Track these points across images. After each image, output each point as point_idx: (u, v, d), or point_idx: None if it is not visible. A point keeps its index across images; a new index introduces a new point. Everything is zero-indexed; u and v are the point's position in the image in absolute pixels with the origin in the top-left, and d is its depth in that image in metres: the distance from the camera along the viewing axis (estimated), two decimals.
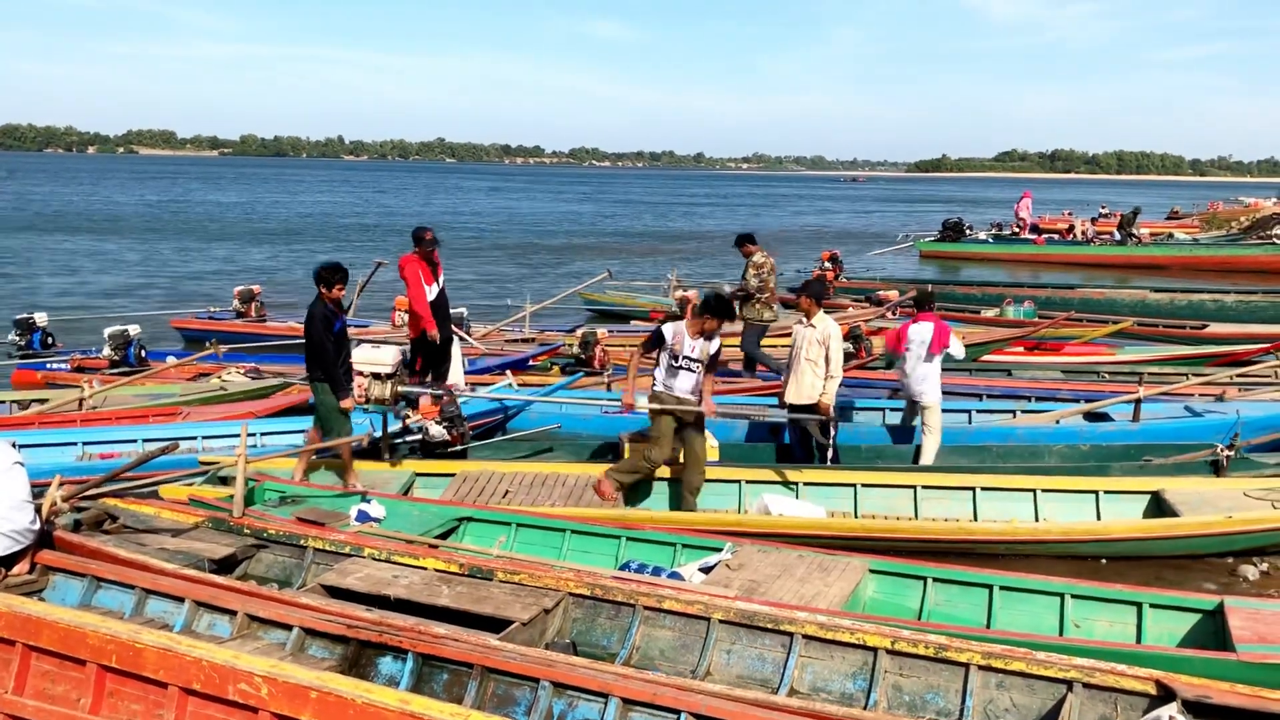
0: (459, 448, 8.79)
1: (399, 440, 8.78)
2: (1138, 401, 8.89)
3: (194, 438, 9.26)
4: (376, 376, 8.33)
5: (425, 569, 5.71)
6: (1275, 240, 30.23)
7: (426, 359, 10.26)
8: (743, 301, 11.67)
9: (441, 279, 10.33)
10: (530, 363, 12.85)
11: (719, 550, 6.33)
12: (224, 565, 6.02)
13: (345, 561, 5.89)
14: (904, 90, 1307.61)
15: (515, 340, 14.99)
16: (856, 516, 7.85)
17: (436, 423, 8.73)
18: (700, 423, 8.00)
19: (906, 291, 19.04)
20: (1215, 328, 16.15)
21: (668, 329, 7.97)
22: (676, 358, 7.88)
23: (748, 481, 8.16)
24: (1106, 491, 7.65)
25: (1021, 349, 14.25)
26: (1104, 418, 9.17)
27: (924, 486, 7.96)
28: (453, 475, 8.28)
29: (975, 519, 7.71)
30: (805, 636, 4.93)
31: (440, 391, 8.98)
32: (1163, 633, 5.55)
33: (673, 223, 54.70)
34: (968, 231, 35.63)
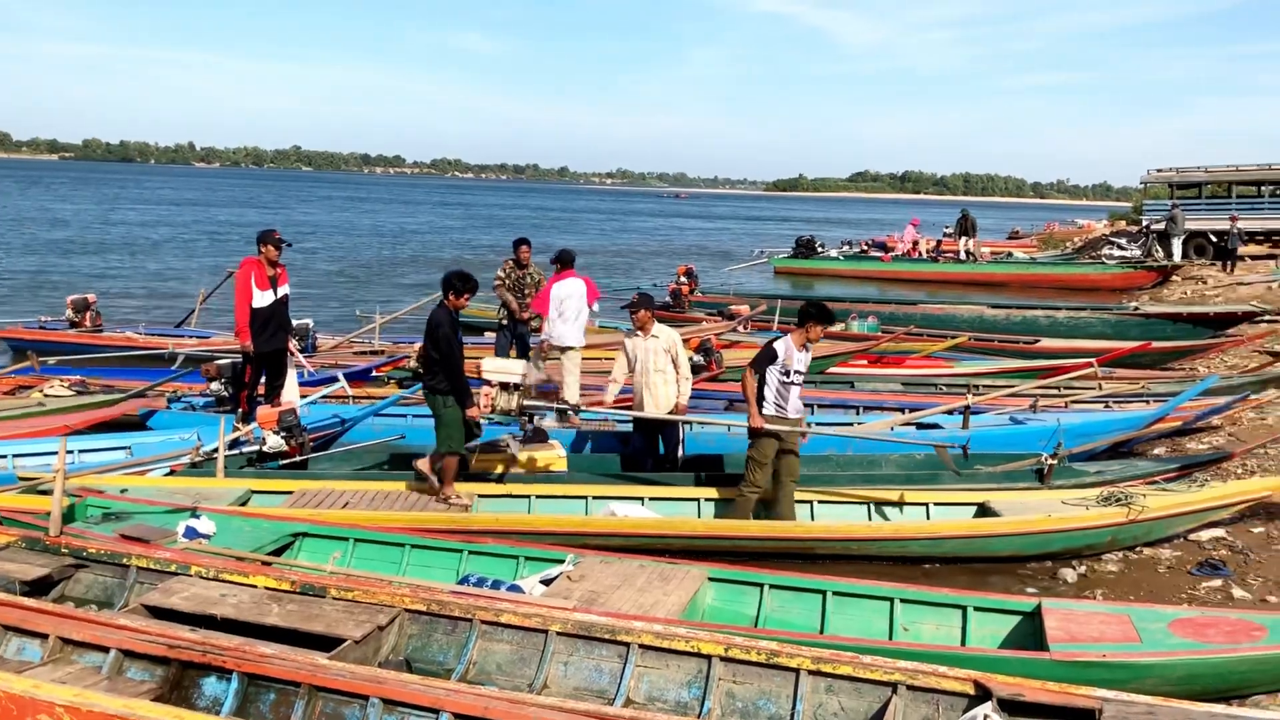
0: (298, 458, 8.56)
1: (234, 452, 8.49)
2: (966, 410, 9.26)
3: (3, 456, 8.74)
4: (504, 387, 8.04)
5: (255, 587, 5.52)
6: (1104, 260, 31.94)
7: (258, 371, 9.81)
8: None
9: (285, 288, 9.97)
10: (373, 374, 12.58)
11: (562, 562, 6.33)
12: (38, 587, 5.70)
13: (170, 580, 5.65)
14: (763, 111, 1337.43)
15: (365, 353, 14.68)
16: None
17: (275, 433, 8.47)
18: (796, 445, 7.81)
19: (758, 306, 19.44)
20: (1046, 342, 16.93)
21: (780, 344, 7.73)
22: (788, 373, 7.69)
23: (594, 497, 8.17)
24: (936, 504, 7.94)
25: (865, 362, 14.69)
26: (935, 427, 9.52)
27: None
28: (290, 493, 8.03)
29: None
30: (642, 646, 4.95)
31: (568, 407, 8.71)
32: (985, 634, 5.78)
33: (538, 238, 54.53)
34: (820, 249, 36.62)
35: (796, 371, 7.72)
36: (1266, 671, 5.09)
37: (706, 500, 8.15)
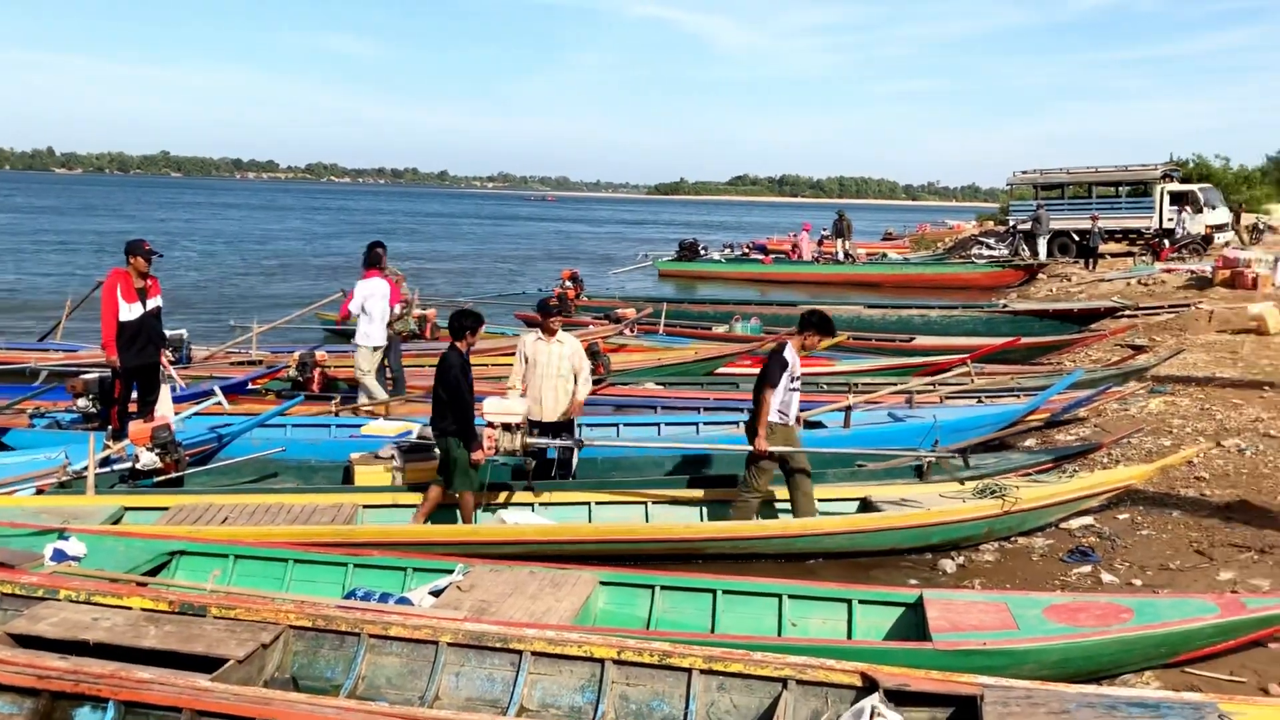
0: (174, 475, 8.27)
1: (106, 470, 8.16)
2: (847, 409, 9.48)
3: None
4: (507, 428, 7.93)
5: (130, 609, 5.30)
6: (974, 259, 33.02)
7: (128, 386, 9.43)
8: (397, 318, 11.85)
9: (156, 300, 9.63)
10: (249, 386, 12.22)
11: (451, 572, 6.26)
12: None
13: (37, 606, 5.38)
14: (644, 115, 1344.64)
15: (242, 363, 14.26)
16: None
17: (148, 449, 8.16)
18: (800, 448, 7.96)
19: (644, 309, 19.54)
20: (921, 340, 17.44)
21: (788, 352, 7.77)
22: (793, 379, 7.76)
23: (483, 505, 8.11)
24: (821, 499, 8.11)
25: (749, 363, 14.89)
26: (819, 425, 9.71)
27: (654, 502, 8.18)
28: (166, 509, 7.75)
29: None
30: (534, 653, 4.93)
31: (570, 444, 8.48)
32: (871, 626, 5.93)
33: (421, 243, 53.70)
34: (702, 252, 37.03)
35: (797, 377, 7.84)
36: (1134, 652, 5.35)
37: (598, 505, 8.16)
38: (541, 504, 8.13)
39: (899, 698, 4.41)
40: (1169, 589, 6.53)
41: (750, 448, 7.75)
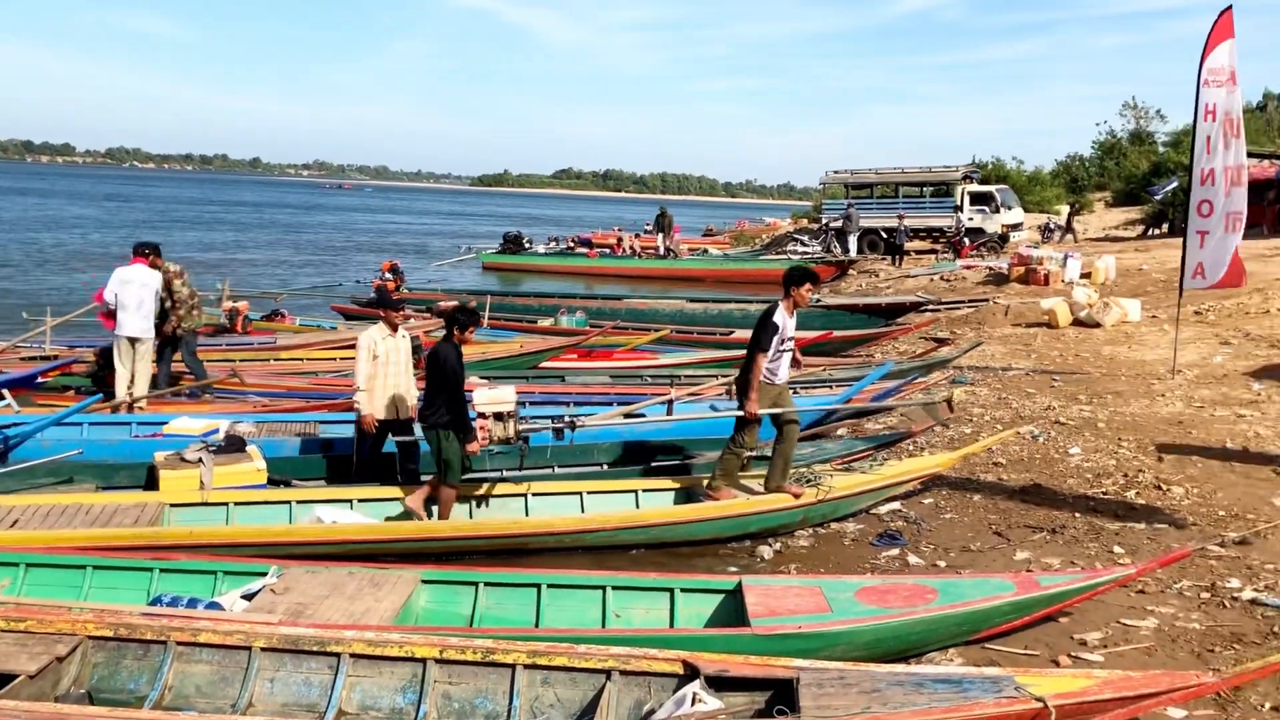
0: None
1: None
2: (670, 402, 9.62)
3: None
4: (499, 417, 7.79)
5: None
6: (790, 255, 34.04)
7: None
8: (171, 313, 11.36)
9: None
10: (38, 381, 11.43)
11: (265, 574, 6.03)
12: None
13: None
14: (468, 106, 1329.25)
15: (35, 358, 13.33)
16: None
17: None
18: (794, 413, 8.00)
19: (467, 303, 19.32)
20: (741, 333, 17.84)
21: (778, 315, 7.70)
22: (783, 341, 7.76)
23: (299, 502, 7.84)
24: (645, 490, 8.21)
25: (575, 356, 14.94)
26: (642, 418, 9.81)
27: (474, 496, 8.09)
28: None
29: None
30: (353, 655, 4.81)
31: (563, 425, 8.12)
32: (692, 614, 6.03)
33: (229, 233, 51.40)
34: (527, 244, 36.92)
35: (789, 339, 7.87)
36: (939, 630, 5.62)
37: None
38: (361, 500, 7.92)
39: (719, 683, 4.51)
40: (970, 569, 6.90)
41: (739, 412, 7.85)
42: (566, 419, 8.18)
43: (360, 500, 7.91)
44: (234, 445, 8.21)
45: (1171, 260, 19.15)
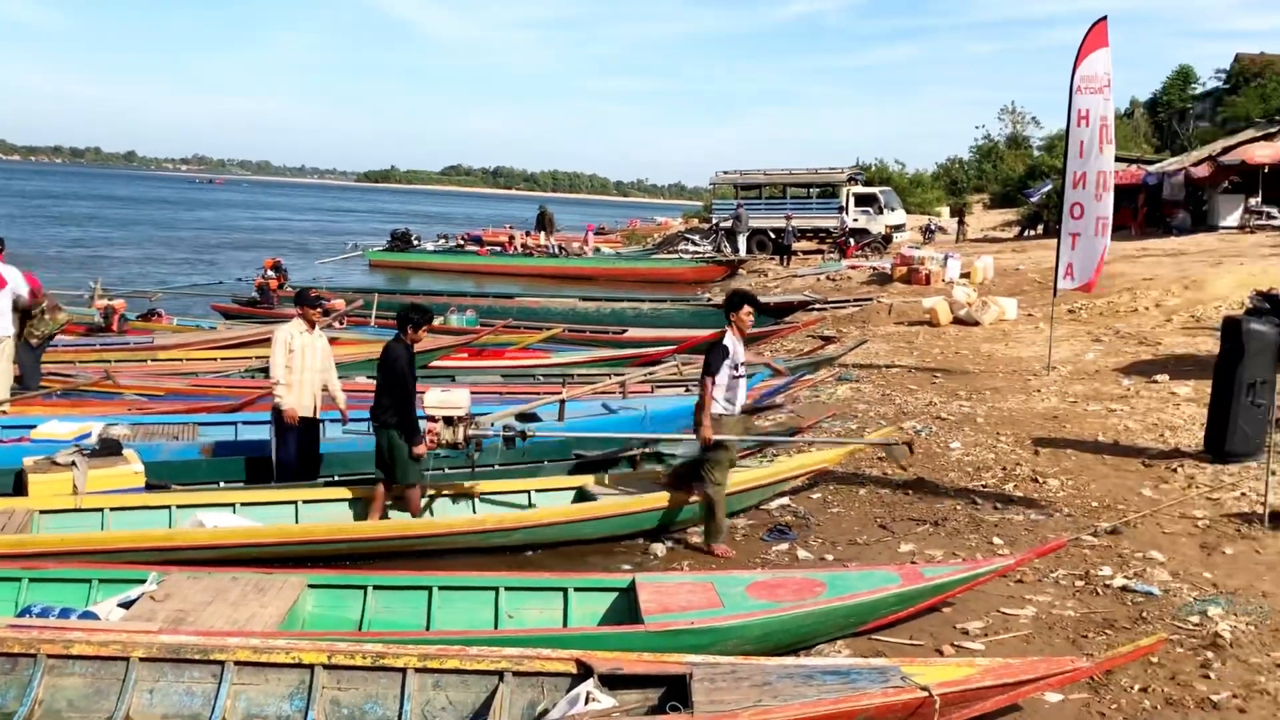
0: None
1: None
2: (562, 402, 9.60)
3: None
4: (448, 421, 7.55)
5: None
6: (681, 254, 34.32)
7: None
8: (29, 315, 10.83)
9: None
10: None
11: (143, 581, 5.81)
12: None
13: None
14: (353, 100, 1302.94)
15: None
16: None
17: None
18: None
19: (354, 301, 18.97)
20: (633, 332, 17.96)
21: (728, 339, 7.43)
22: (737, 367, 7.49)
23: (179, 506, 7.59)
24: (537, 490, 8.18)
25: (466, 355, 14.80)
26: (535, 418, 9.77)
27: (366, 499, 7.93)
28: None
29: None
30: (238, 663, 4.67)
31: (514, 434, 7.88)
32: (586, 613, 6.03)
33: (99, 229, 49.47)
34: (415, 242, 36.43)
35: (743, 364, 7.63)
36: (827, 623, 5.73)
37: (305, 503, 7.82)
38: (244, 504, 7.71)
39: (613, 681, 4.52)
40: (857, 562, 7.04)
41: (691, 437, 7.74)
42: (518, 427, 8.13)
43: (244, 504, 7.70)
44: (109, 448, 7.91)
45: (1046, 260, 19.90)
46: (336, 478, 8.42)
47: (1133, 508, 7.83)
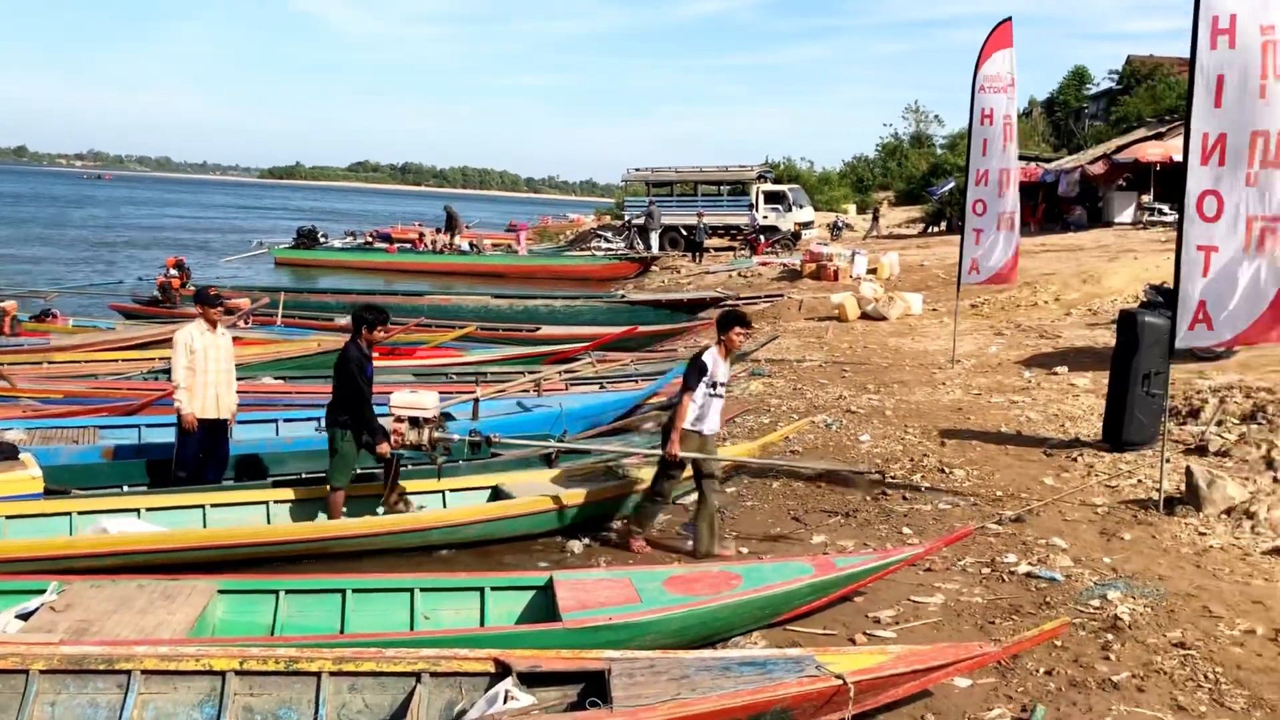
0: None
1: None
2: (476, 401, 9.54)
3: None
4: (413, 422, 7.42)
5: None
6: (594, 252, 34.36)
7: None
8: None
9: None
10: None
11: (43, 591, 5.62)
12: None
13: None
14: (256, 95, 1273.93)
15: None
16: None
17: None
18: (715, 467, 7.69)
19: (259, 300, 18.60)
20: (547, 329, 17.90)
21: (708, 356, 7.32)
22: (714, 385, 7.34)
23: (80, 513, 7.36)
24: (451, 490, 8.12)
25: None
26: (449, 417, 9.69)
27: (275, 501, 7.81)
28: None
29: None
30: (145, 672, 4.54)
31: (481, 439, 7.83)
32: (504, 612, 6.00)
33: None
34: (322, 239, 35.83)
35: (721, 384, 7.44)
36: (743, 615, 5.80)
37: (213, 507, 7.65)
38: (149, 509, 7.51)
39: (532, 679, 4.51)
40: (771, 554, 7.14)
41: (660, 451, 7.56)
42: (482, 434, 8.10)
43: (149, 509, 7.50)
44: (4, 453, 7.63)
45: (950, 256, 20.37)
46: (304, 475, 8.36)
47: (1035, 496, 8.07)
